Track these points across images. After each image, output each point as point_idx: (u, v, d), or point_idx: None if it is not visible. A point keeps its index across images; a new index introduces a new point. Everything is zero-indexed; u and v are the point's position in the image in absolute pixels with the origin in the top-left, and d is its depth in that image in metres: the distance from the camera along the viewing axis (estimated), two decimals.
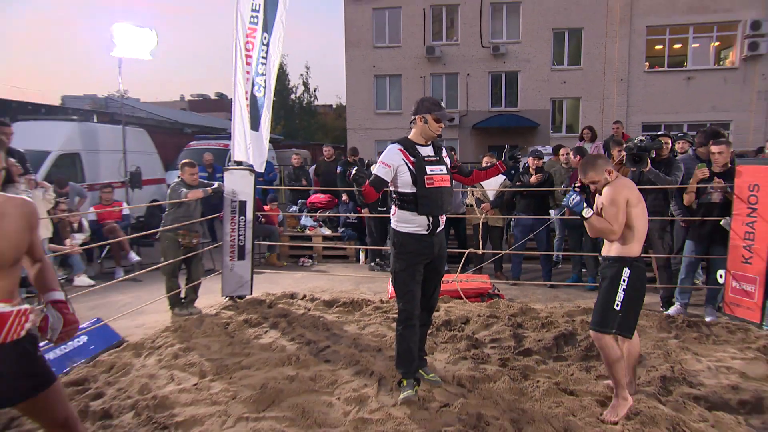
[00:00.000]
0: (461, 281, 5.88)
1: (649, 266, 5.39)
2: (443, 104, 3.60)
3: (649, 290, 3.84)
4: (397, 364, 3.52)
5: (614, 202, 3.12)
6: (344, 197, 8.66)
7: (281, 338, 4.61)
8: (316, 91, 38.13)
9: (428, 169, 3.39)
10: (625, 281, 3.14)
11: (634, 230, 3.16)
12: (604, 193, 3.22)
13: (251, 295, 5.92)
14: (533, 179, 6.71)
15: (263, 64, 6.13)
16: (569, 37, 20.62)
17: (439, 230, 3.50)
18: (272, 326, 4.93)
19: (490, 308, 5.28)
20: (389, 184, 3.46)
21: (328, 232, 8.70)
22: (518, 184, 6.93)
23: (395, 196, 3.47)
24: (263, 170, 6.55)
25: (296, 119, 35.44)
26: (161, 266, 5.47)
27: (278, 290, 6.19)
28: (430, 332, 4.19)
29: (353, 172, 3.37)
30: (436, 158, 3.47)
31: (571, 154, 6.86)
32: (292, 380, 3.65)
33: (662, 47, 20.25)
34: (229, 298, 5.87)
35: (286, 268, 8.11)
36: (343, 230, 8.64)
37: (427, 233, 3.42)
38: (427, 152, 3.46)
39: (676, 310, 5.31)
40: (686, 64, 20.13)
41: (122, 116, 11.31)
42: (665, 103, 19.57)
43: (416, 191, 3.36)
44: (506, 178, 7.29)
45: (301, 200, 9.49)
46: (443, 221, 3.54)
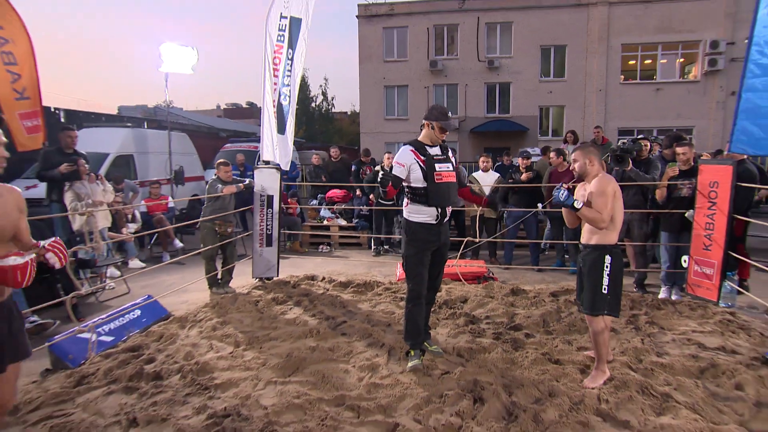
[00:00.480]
0: (460, 266, 5.86)
1: (623, 252, 5.36)
2: (450, 114, 3.56)
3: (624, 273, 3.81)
4: (405, 337, 3.53)
5: (603, 192, 3.08)
6: (358, 192, 8.66)
7: (304, 314, 4.64)
8: (333, 99, 38.33)
9: (437, 166, 3.38)
10: (608, 267, 3.13)
11: (614, 221, 3.13)
12: (593, 184, 3.16)
13: (278, 276, 5.95)
14: (523, 177, 6.67)
15: (288, 76, 6.12)
16: (555, 53, 20.65)
17: (445, 220, 3.49)
18: (296, 304, 4.96)
19: (485, 289, 5.26)
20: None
21: (343, 222, 8.70)
22: (510, 181, 6.89)
23: (408, 190, 3.45)
24: (288, 169, 6.56)
25: (316, 124, 35.33)
26: (201, 251, 5.50)
27: (301, 273, 6.21)
28: (433, 310, 4.18)
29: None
30: (443, 157, 3.46)
31: (553, 154, 6.74)
32: (313, 350, 3.68)
33: (635, 62, 20.36)
34: (258, 279, 5.90)
35: (307, 253, 8.13)
36: (356, 221, 8.64)
37: (435, 223, 3.41)
38: (435, 152, 3.44)
39: (665, 292, 5.24)
40: (655, 77, 20.27)
41: (168, 123, 11.33)
42: (637, 110, 19.74)
43: (426, 186, 3.35)
44: (500, 175, 7.24)
45: (320, 195, 9.48)
46: (449, 212, 3.52)
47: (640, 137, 5.71)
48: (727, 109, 18.33)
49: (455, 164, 3.60)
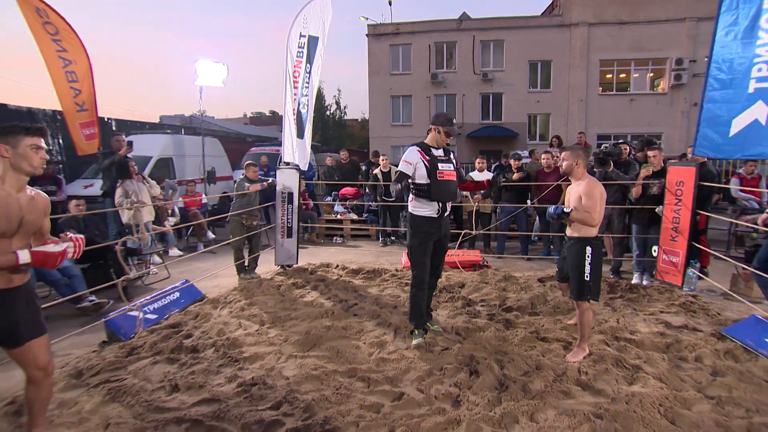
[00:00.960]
0: (458, 255, 5.85)
1: (602, 243, 5.34)
2: (454, 121, 3.55)
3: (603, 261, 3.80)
4: (410, 318, 3.54)
5: (591, 195, 3.09)
6: (367, 190, 8.65)
7: (320, 297, 4.65)
8: (345, 108, 37.90)
9: (440, 165, 3.36)
10: (589, 257, 3.14)
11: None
12: (582, 188, 3.16)
13: (297, 264, 5.96)
14: (515, 176, 6.63)
15: (306, 87, 6.11)
16: (541, 67, 20.57)
17: (446, 214, 3.47)
18: (313, 288, 4.97)
19: (480, 276, 5.25)
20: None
21: (355, 216, 8.69)
22: (503, 179, 6.85)
23: (413, 186, 3.42)
24: (306, 169, 6.56)
25: (330, 130, 35.19)
26: (230, 242, 5.53)
27: (317, 261, 6.22)
28: (434, 294, 4.18)
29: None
30: (445, 158, 3.45)
31: (542, 156, 6.64)
32: (328, 329, 3.69)
33: (611, 76, 20.35)
34: (280, 266, 5.92)
35: (322, 244, 8.14)
36: (366, 215, 8.63)
37: (437, 216, 3.40)
38: (439, 153, 3.43)
39: (637, 278, 5.21)
40: (629, 89, 20.22)
41: (201, 130, 11.42)
42: (614, 118, 19.78)
43: (430, 183, 3.34)
44: (494, 174, 7.19)
45: (334, 192, 9.48)
46: (449, 208, 3.51)
47: (620, 142, 5.68)
48: (690, 117, 18.43)
49: (456, 165, 3.60)
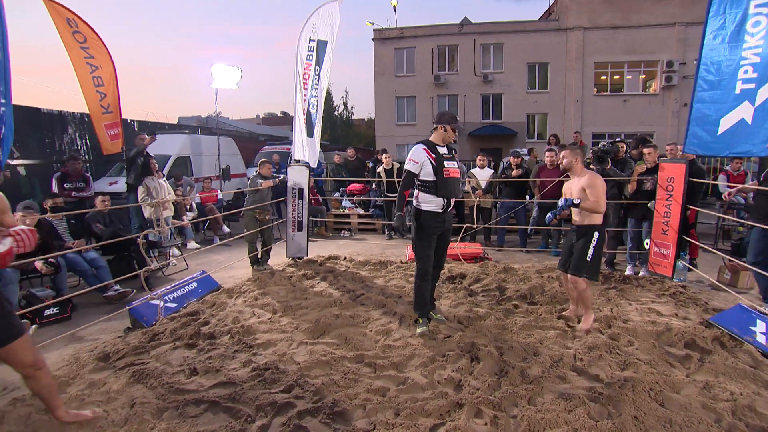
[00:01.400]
0: (460, 247, 5.84)
1: None
2: (457, 117, 3.53)
3: None
4: (414, 307, 3.53)
5: (594, 185, 3.28)
6: (374, 185, 8.64)
7: (329, 287, 4.66)
8: (352, 108, 37.77)
9: (446, 163, 3.34)
10: (594, 241, 3.31)
11: None
12: (585, 181, 3.34)
13: (307, 256, 5.98)
14: (514, 173, 6.58)
15: (316, 89, 6.09)
16: (539, 69, 20.41)
17: (449, 209, 3.46)
18: (322, 279, 4.98)
19: (481, 267, 5.24)
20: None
21: (362, 211, 8.69)
22: (503, 176, 6.82)
23: (419, 183, 3.40)
24: (316, 166, 6.57)
25: (338, 129, 35.14)
26: (244, 235, 5.55)
27: (326, 253, 6.23)
28: (437, 285, 4.17)
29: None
30: (450, 156, 3.42)
31: (546, 154, 6.51)
32: (337, 317, 3.70)
33: (606, 78, 20.19)
34: (291, 258, 5.94)
35: (331, 237, 8.15)
36: (372, 210, 8.62)
37: (441, 211, 3.39)
38: (443, 151, 3.40)
39: (630, 270, 5.18)
40: (623, 90, 20.04)
41: (217, 129, 11.44)
42: (608, 118, 19.66)
43: (436, 179, 3.31)
44: (494, 171, 7.17)
45: (342, 188, 9.48)
46: (453, 203, 3.49)
47: (617, 140, 5.63)
48: (680, 117, 18.29)
49: (457, 162, 3.58)
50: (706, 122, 4.26)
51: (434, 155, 3.33)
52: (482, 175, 6.96)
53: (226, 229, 7.88)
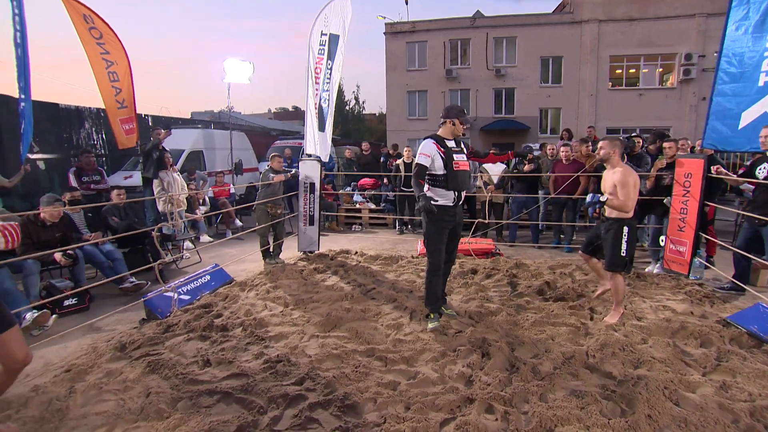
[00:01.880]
0: (471, 243, 5.81)
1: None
2: (465, 110, 3.50)
3: None
4: (426, 302, 3.52)
5: (625, 184, 3.27)
6: (385, 180, 8.62)
7: (340, 281, 4.68)
8: (364, 103, 37.93)
9: (455, 156, 3.33)
10: (626, 236, 3.34)
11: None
12: (617, 176, 3.33)
13: (318, 250, 6.00)
14: (526, 167, 6.49)
15: (328, 83, 6.09)
16: (553, 63, 20.06)
17: (460, 203, 3.44)
18: (333, 273, 4.99)
19: (492, 263, 5.20)
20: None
21: (373, 206, 8.69)
22: (515, 171, 6.74)
23: (429, 177, 3.38)
24: (327, 160, 6.57)
25: (349, 124, 35.09)
26: (256, 229, 5.60)
27: (337, 247, 6.25)
28: (449, 280, 4.16)
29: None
30: (458, 149, 3.41)
31: (561, 149, 6.39)
32: (348, 311, 3.71)
33: (621, 71, 19.71)
34: (303, 252, 5.97)
35: (342, 232, 8.18)
36: (384, 205, 8.61)
37: (452, 205, 3.37)
38: (452, 144, 3.39)
39: (653, 268, 5.04)
40: (638, 84, 19.62)
41: (229, 124, 11.55)
42: (623, 113, 19.22)
43: (446, 173, 3.30)
44: (506, 166, 7.10)
45: (353, 183, 9.48)
46: (463, 197, 3.47)
47: (634, 135, 5.53)
48: (698, 112, 17.79)
49: (470, 150, 3.57)
50: (726, 116, 4.18)
51: (443, 149, 3.32)
52: (494, 170, 6.91)
53: (238, 222, 7.95)
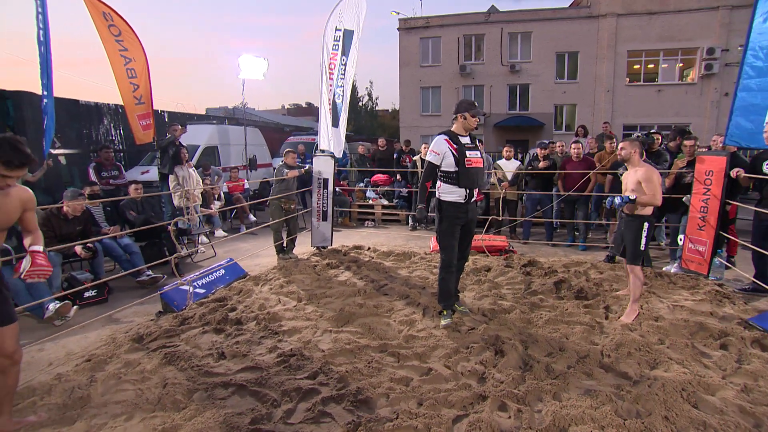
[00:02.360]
0: (485, 240, 5.76)
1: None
2: (476, 103, 3.46)
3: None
4: (439, 299, 3.52)
5: (650, 179, 3.36)
6: (398, 176, 8.60)
7: (353, 277, 4.69)
8: (377, 99, 37.92)
9: (468, 153, 3.29)
10: (645, 231, 3.43)
11: None
12: (641, 174, 3.42)
13: (331, 246, 6.02)
14: (541, 164, 6.41)
15: (342, 79, 6.08)
16: (568, 58, 19.73)
17: (473, 200, 3.41)
18: (346, 268, 5.01)
19: (506, 260, 5.16)
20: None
21: (386, 202, 8.68)
22: (529, 168, 6.65)
23: (441, 174, 3.36)
24: (341, 156, 6.58)
25: (362, 120, 35.09)
26: (270, 224, 5.63)
27: (350, 243, 6.26)
28: (462, 277, 4.14)
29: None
30: (473, 146, 3.36)
31: (572, 147, 6.28)
32: (361, 306, 3.72)
33: (639, 67, 19.26)
34: (316, 247, 6.00)
35: (355, 227, 8.18)
36: (396, 201, 8.60)
37: (464, 201, 3.34)
38: (466, 141, 3.35)
39: (671, 268, 4.90)
40: (657, 79, 19.12)
41: (244, 120, 11.63)
42: (641, 109, 18.82)
43: (458, 170, 3.27)
44: (520, 163, 7.01)
45: (366, 179, 9.49)
46: (476, 194, 3.43)
47: (652, 131, 5.41)
48: (720, 108, 17.30)
49: (482, 153, 3.51)
50: (751, 112, 4.05)
51: (456, 146, 3.28)
52: (509, 166, 6.82)
53: (252, 218, 8.02)
